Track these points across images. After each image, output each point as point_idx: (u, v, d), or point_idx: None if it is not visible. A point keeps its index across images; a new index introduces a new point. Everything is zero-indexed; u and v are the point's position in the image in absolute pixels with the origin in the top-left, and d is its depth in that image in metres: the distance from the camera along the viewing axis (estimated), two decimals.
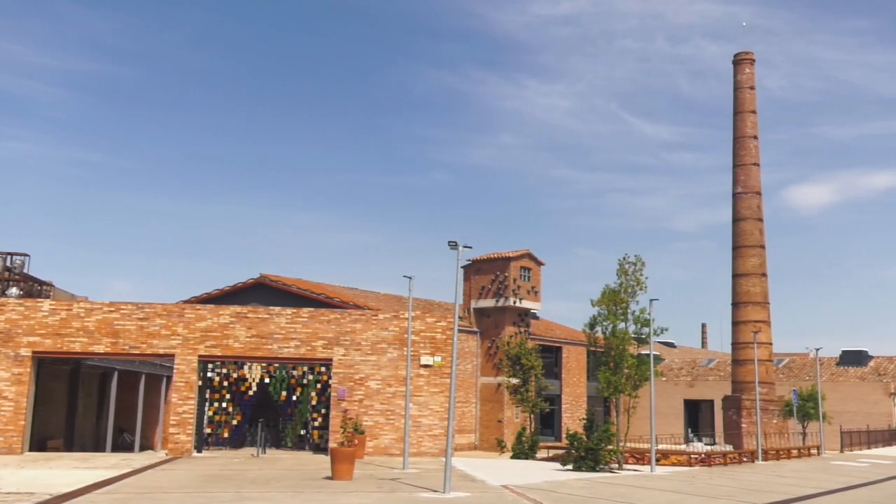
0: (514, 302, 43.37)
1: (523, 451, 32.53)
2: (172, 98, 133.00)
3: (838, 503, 19.00)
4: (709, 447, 38.91)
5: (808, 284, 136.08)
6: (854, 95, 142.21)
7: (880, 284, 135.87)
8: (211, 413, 28.40)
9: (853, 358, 57.77)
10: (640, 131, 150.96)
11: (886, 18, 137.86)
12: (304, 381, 29.26)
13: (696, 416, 58.42)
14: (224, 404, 28.97)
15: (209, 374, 27.81)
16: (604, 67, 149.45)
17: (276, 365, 28.58)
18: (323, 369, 28.15)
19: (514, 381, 37.84)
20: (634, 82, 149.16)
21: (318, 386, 28.92)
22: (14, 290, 29.54)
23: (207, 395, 27.81)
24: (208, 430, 28.13)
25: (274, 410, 29.60)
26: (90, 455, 25.50)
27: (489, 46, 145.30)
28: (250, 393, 29.31)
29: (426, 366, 26.43)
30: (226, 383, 28.96)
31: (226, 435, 28.96)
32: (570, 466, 24.98)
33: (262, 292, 38.76)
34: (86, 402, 32.08)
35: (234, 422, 29.27)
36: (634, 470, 25.64)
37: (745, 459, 32.25)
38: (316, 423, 28.93)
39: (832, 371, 56.65)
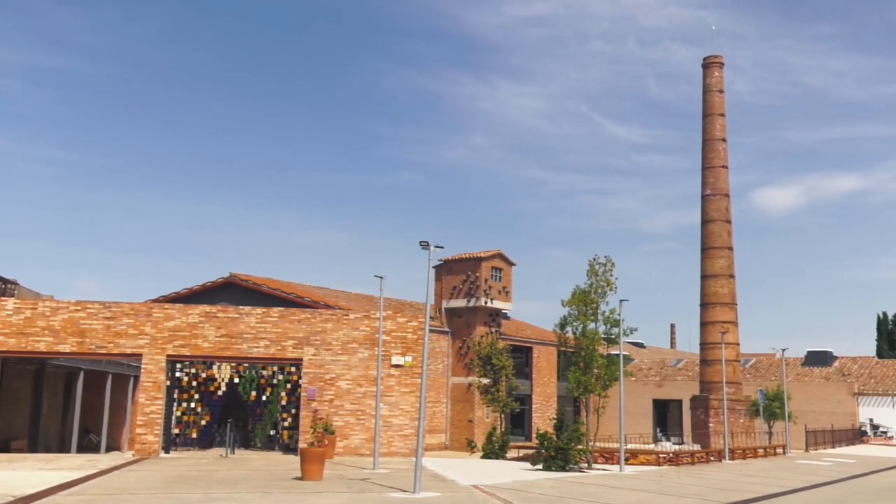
0: (486, 302, 43.45)
1: (493, 450, 32.61)
2: (141, 94, 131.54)
3: (803, 501, 19.27)
4: (677, 446, 39.30)
5: (775, 286, 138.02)
6: (819, 100, 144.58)
7: (845, 286, 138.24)
8: (179, 413, 28.13)
9: (818, 358, 58.66)
10: (610, 133, 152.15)
11: (850, 25, 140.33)
12: (274, 381, 29.07)
13: (665, 415, 58.94)
14: (192, 404, 28.70)
15: (177, 374, 27.54)
16: (575, 69, 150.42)
17: (246, 365, 28.37)
18: (293, 369, 28.00)
19: (485, 381, 37.90)
20: (605, 84, 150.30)
21: (288, 386, 28.76)
22: None
23: (176, 395, 27.55)
24: (176, 431, 27.86)
25: (243, 410, 29.38)
26: (55, 456, 25.12)
27: (461, 47, 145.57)
28: (219, 393, 29.06)
29: (397, 366, 26.39)
30: (194, 383, 28.69)
31: (194, 435, 28.69)
32: (539, 466, 25.09)
33: (232, 291, 38.46)
34: (51, 402, 31.59)
35: (203, 422, 29.00)
36: (604, 469, 25.81)
37: (712, 459, 32.61)
38: (286, 424, 28.77)
39: (798, 371, 57.47)
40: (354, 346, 26.22)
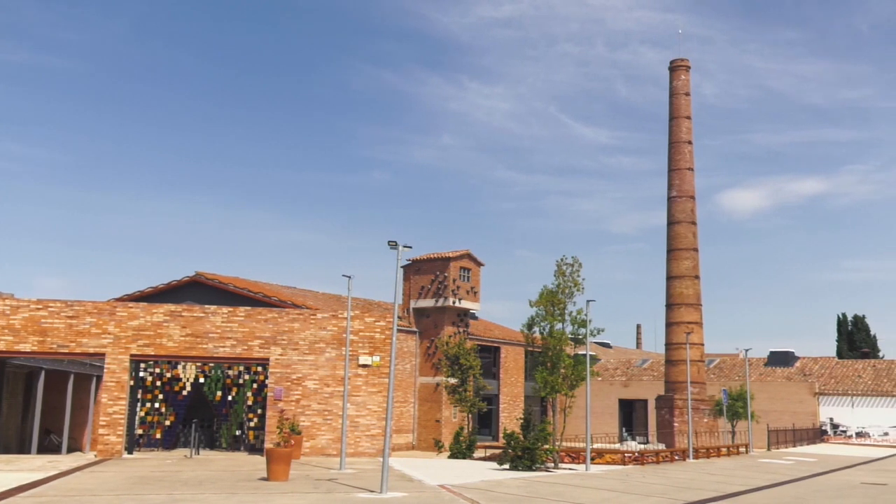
0: (454, 302, 43.48)
1: (461, 450, 32.64)
2: (109, 90, 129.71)
3: (765, 499, 19.54)
4: (642, 446, 39.70)
5: (739, 287, 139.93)
6: (784, 104, 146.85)
7: (807, 287, 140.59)
8: (143, 413, 27.78)
9: (780, 359, 59.60)
10: (578, 134, 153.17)
11: (814, 30, 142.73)
12: (240, 381, 28.83)
13: (631, 415, 59.48)
14: (157, 404, 28.35)
15: (141, 374, 27.20)
16: (544, 70, 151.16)
17: (212, 364, 28.09)
18: (259, 369, 27.79)
19: (453, 380, 37.92)
20: (574, 86, 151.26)
21: (255, 386, 28.54)
22: None
23: (139, 396, 27.21)
24: (140, 431, 27.51)
25: (209, 411, 29.09)
26: (15, 457, 24.65)
27: (431, 47, 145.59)
28: (184, 393, 28.74)
29: (364, 366, 26.31)
30: (159, 383, 28.34)
31: (158, 436, 28.34)
32: (506, 466, 25.15)
33: (198, 290, 38.06)
34: (10, 402, 31.01)
35: (167, 422, 28.66)
36: (570, 469, 25.96)
37: (676, 458, 32.94)
38: (252, 424, 28.55)
39: (760, 371, 58.32)
40: (322, 346, 26.09)
